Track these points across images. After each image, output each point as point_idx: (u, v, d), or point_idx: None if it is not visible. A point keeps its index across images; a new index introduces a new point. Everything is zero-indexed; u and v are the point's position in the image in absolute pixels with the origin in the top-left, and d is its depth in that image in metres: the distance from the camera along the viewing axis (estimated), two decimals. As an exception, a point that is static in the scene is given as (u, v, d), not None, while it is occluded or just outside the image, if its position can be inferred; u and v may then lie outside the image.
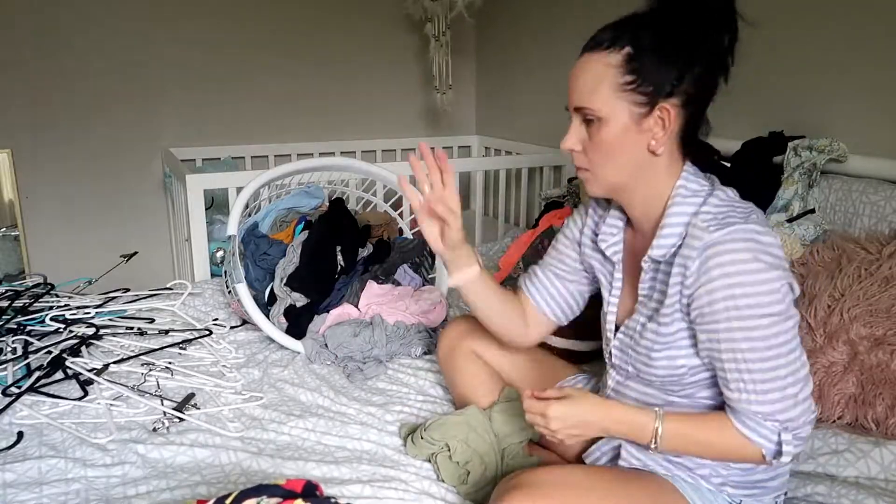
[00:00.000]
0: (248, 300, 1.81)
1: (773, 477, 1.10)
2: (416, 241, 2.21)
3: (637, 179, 1.04)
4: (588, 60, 1.00)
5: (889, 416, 1.31)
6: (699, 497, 1.07)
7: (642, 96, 0.97)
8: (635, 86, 0.97)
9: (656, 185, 1.04)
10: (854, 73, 1.85)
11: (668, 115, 0.98)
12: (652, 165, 1.03)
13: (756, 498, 1.09)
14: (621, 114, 0.99)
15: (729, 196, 1.03)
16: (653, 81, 0.97)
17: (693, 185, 1.03)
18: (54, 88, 2.89)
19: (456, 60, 3.37)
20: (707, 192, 1.02)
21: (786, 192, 1.82)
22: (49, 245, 3.00)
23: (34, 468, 1.28)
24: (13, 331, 1.80)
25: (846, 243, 1.57)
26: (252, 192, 1.96)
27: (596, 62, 0.99)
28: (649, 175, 1.04)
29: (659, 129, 1.00)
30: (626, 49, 0.97)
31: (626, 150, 1.01)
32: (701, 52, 0.98)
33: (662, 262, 1.04)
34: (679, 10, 0.97)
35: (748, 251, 0.94)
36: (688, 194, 1.02)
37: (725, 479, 1.08)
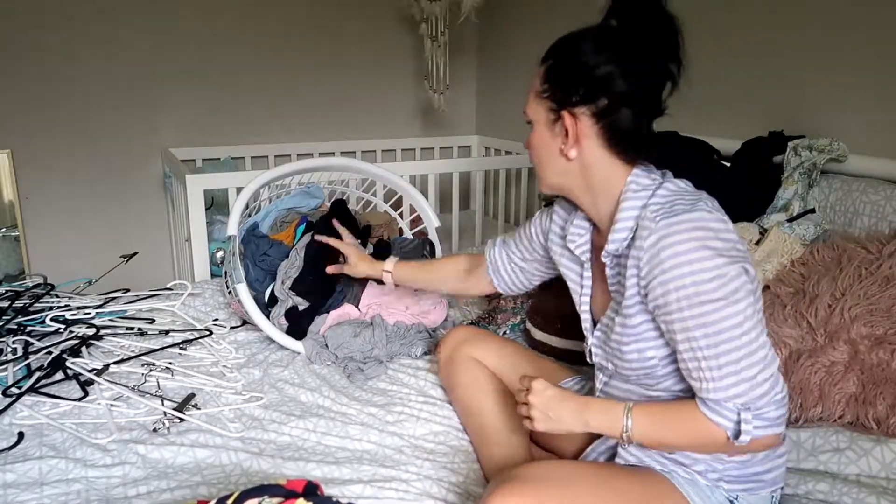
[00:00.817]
0: (248, 300, 1.81)
1: (769, 469, 1.10)
2: (415, 240, 2.21)
3: (572, 181, 1.12)
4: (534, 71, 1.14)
5: (890, 416, 1.30)
6: (695, 492, 1.07)
7: (552, 102, 1.08)
8: (548, 94, 1.09)
9: (602, 188, 1.10)
10: (854, 73, 1.85)
11: (574, 122, 1.06)
12: (579, 168, 1.09)
13: (752, 492, 1.10)
14: (540, 118, 1.11)
15: (679, 186, 1.06)
16: (560, 91, 1.07)
17: (643, 181, 1.07)
18: (54, 89, 2.89)
19: (456, 60, 3.37)
20: (657, 184, 1.06)
21: (786, 192, 1.82)
22: (49, 245, 3.00)
23: (35, 468, 1.28)
24: (13, 331, 1.80)
25: (846, 243, 1.57)
26: (252, 193, 1.95)
27: (534, 73, 1.13)
28: (587, 178, 1.10)
29: (565, 135, 1.08)
30: (549, 61, 1.11)
31: (545, 152, 1.12)
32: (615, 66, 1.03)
33: (620, 257, 1.08)
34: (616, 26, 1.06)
35: (695, 240, 0.97)
36: (638, 188, 1.06)
37: (721, 475, 1.08)
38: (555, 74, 1.08)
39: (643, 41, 1.03)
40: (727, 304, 0.96)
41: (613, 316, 1.11)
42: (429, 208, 2.18)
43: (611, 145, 1.07)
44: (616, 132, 1.06)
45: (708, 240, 0.96)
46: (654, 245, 0.99)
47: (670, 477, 1.09)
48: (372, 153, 3.53)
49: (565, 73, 1.07)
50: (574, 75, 1.05)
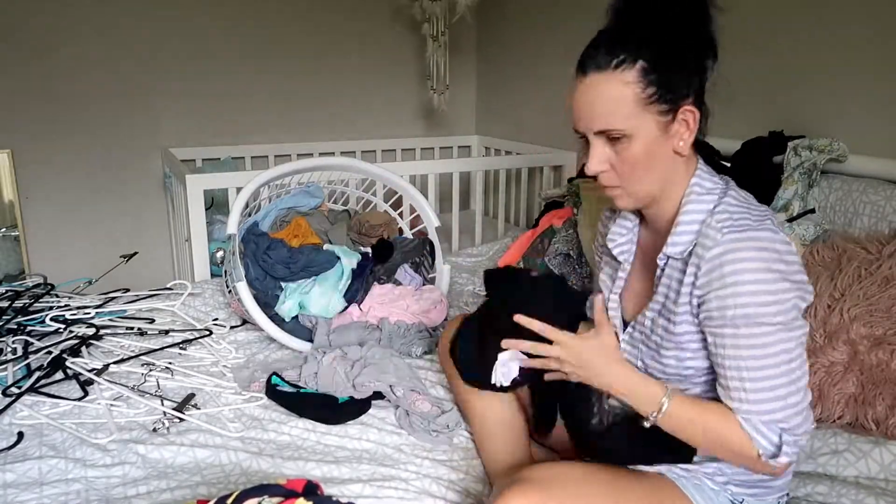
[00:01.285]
0: (248, 299, 1.81)
1: (776, 477, 1.10)
2: (416, 240, 2.21)
3: (664, 182, 1.05)
4: (598, 82, 0.98)
5: (889, 416, 1.31)
6: (700, 494, 1.07)
7: (665, 104, 0.98)
8: (657, 97, 0.98)
9: (675, 184, 1.05)
10: (854, 73, 1.85)
11: (692, 115, 1.00)
12: (676, 166, 1.05)
13: (759, 497, 1.10)
14: (649, 126, 0.99)
15: (744, 197, 1.04)
16: (673, 88, 0.98)
17: (707, 184, 1.04)
18: (54, 89, 2.89)
19: (456, 60, 3.37)
20: (721, 190, 1.03)
21: (786, 192, 1.82)
22: (49, 245, 3.00)
23: (34, 468, 1.29)
24: (13, 331, 1.80)
25: (846, 243, 1.57)
26: (252, 192, 1.96)
27: (608, 82, 0.98)
28: (673, 174, 1.05)
29: (685, 131, 1.01)
30: (639, 63, 0.96)
31: (658, 159, 1.02)
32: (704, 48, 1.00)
33: (678, 260, 1.04)
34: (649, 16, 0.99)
35: (761, 260, 0.94)
36: (702, 192, 1.03)
37: (729, 478, 1.08)
38: (660, 75, 0.97)
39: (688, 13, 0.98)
40: (783, 329, 0.95)
41: (654, 317, 1.08)
42: (428, 208, 2.19)
43: (700, 129, 1.03)
44: (704, 119, 1.03)
45: (773, 262, 0.94)
46: (718, 257, 0.96)
47: (676, 480, 1.08)
48: (372, 153, 3.53)
49: (672, 66, 0.97)
50: (680, 66, 0.98)
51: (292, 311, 1.89)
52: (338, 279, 1.97)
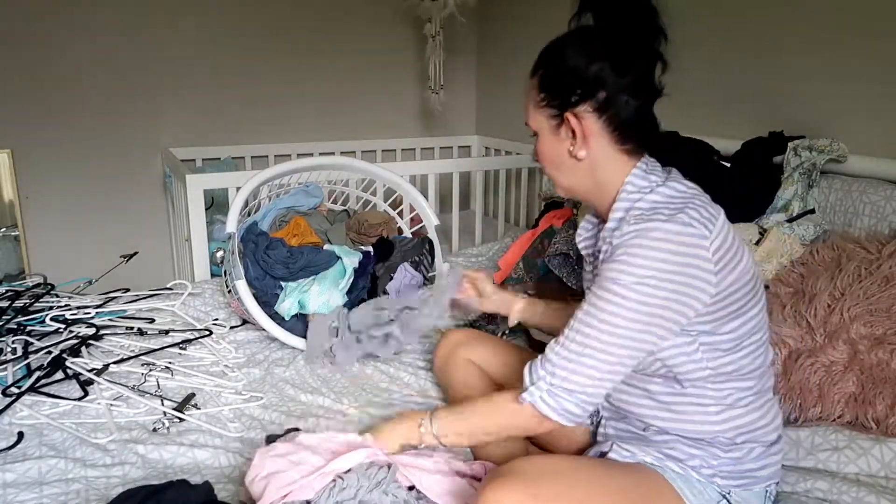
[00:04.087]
0: (247, 297, 1.81)
1: (763, 466, 1.10)
2: (415, 239, 2.21)
3: (583, 181, 1.13)
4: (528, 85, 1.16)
5: (889, 415, 1.31)
6: (688, 487, 1.08)
7: (552, 109, 1.10)
8: (545, 102, 1.10)
9: (607, 184, 1.11)
10: (854, 73, 1.85)
11: (577, 122, 1.07)
12: (588, 167, 1.10)
13: (746, 488, 1.10)
14: (544, 126, 1.12)
15: (677, 191, 1.06)
16: (557, 95, 1.09)
17: (640, 182, 1.08)
18: (54, 88, 2.89)
19: (456, 60, 3.37)
20: (652, 187, 1.06)
21: (785, 193, 1.82)
22: (49, 245, 3.00)
23: (34, 468, 1.29)
24: (13, 331, 1.80)
25: (846, 243, 1.58)
26: (252, 190, 1.96)
27: (529, 86, 1.15)
28: (595, 177, 1.11)
29: (572, 137, 1.09)
30: (539, 72, 1.12)
31: (555, 157, 1.13)
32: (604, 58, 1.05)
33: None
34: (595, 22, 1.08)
35: (651, 248, 0.98)
36: (633, 190, 1.08)
37: (715, 470, 1.09)
38: (549, 82, 1.10)
39: (623, 27, 1.05)
40: (624, 302, 0.99)
41: None
42: (427, 207, 2.19)
43: (617, 137, 1.08)
44: (619, 122, 1.07)
45: (664, 252, 0.98)
46: (619, 245, 1.01)
47: (663, 472, 1.09)
48: (372, 153, 3.53)
49: (558, 78, 1.08)
50: (567, 78, 1.07)
51: (291, 309, 1.89)
52: (339, 277, 1.96)
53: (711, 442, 1.09)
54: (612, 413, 1.21)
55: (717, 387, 1.08)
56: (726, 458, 1.09)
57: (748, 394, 1.10)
